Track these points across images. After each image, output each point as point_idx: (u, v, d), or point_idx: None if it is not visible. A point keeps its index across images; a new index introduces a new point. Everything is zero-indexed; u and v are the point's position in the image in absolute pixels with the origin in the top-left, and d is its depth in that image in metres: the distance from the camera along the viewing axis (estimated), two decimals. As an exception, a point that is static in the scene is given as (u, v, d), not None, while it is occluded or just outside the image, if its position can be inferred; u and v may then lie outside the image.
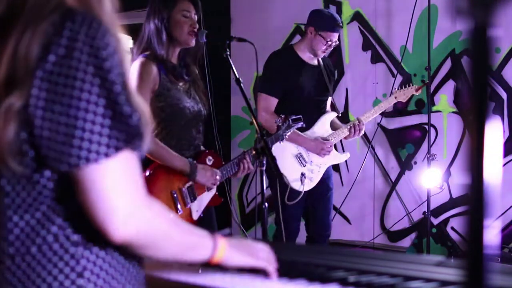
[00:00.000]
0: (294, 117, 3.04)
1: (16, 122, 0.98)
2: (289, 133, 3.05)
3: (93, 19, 0.99)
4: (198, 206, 2.86)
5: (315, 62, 3.83)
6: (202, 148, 2.94)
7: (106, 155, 0.97)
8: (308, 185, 3.71)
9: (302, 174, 3.67)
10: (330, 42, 3.69)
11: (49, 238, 1.03)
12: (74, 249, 1.03)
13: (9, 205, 1.03)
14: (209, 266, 1.22)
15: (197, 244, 1.16)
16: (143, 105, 1.04)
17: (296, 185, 3.66)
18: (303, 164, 3.71)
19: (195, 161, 2.80)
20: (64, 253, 1.03)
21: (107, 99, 0.98)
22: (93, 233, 1.02)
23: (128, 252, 1.09)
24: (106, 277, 1.06)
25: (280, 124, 3.00)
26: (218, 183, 2.86)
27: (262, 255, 1.30)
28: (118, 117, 0.98)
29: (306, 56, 3.78)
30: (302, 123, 3.09)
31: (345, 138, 3.85)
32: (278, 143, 3.07)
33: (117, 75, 0.99)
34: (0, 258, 1.04)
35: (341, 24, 3.75)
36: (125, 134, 0.98)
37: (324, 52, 3.75)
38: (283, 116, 3.03)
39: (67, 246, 1.03)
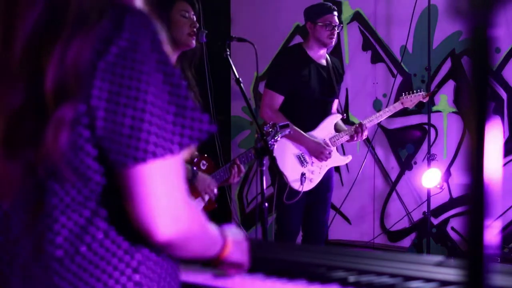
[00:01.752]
0: (281, 124, 3.03)
1: (69, 131, 0.94)
2: (278, 138, 3.03)
3: (148, 16, 0.99)
4: None
5: (324, 62, 3.81)
6: (196, 153, 2.93)
7: (171, 151, 0.94)
8: (308, 185, 3.70)
9: (303, 175, 3.66)
10: (330, 26, 3.68)
11: (98, 235, 0.98)
12: (127, 244, 0.99)
13: (55, 206, 0.97)
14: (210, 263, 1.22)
15: (214, 243, 1.15)
16: None
17: (295, 185, 3.65)
18: (304, 164, 3.70)
19: (195, 168, 2.80)
20: (117, 249, 0.99)
21: (171, 94, 0.96)
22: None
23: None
24: (160, 270, 1.03)
25: (268, 130, 2.98)
26: (213, 196, 2.84)
27: (246, 253, 1.29)
28: (182, 111, 0.96)
29: (315, 54, 3.77)
30: (289, 129, 3.08)
31: (347, 141, 3.85)
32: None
33: (173, 69, 0.98)
34: (47, 262, 0.98)
35: (332, 6, 3.75)
36: (190, 129, 0.96)
37: (331, 38, 3.71)
38: (271, 123, 3.02)
39: (119, 242, 0.99)
